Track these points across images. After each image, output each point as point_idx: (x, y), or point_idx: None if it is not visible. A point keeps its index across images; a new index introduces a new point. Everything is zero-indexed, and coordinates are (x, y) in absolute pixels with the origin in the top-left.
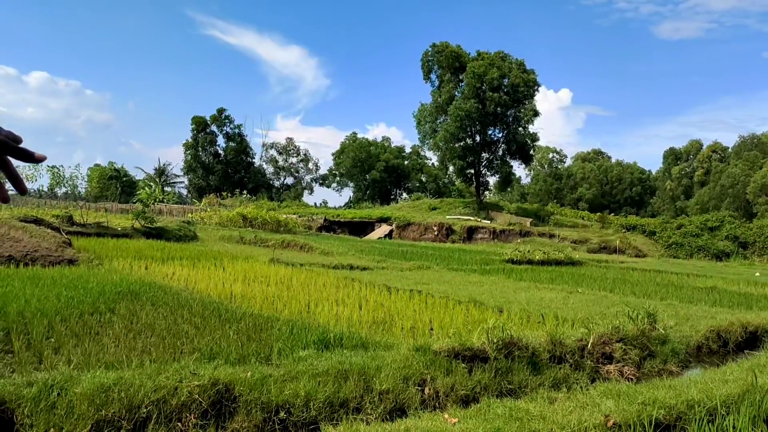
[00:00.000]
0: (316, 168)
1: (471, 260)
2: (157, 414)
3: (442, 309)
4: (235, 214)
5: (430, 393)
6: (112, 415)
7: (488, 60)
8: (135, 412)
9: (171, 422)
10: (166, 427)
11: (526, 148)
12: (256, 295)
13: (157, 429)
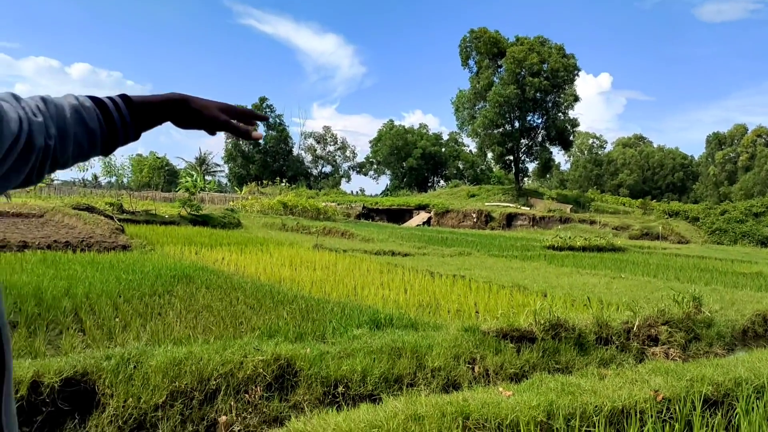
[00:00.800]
0: (353, 156)
1: (511, 246)
2: (226, 386)
3: (486, 293)
4: (276, 202)
5: (480, 371)
6: (184, 387)
7: (528, 45)
8: (205, 384)
9: (239, 394)
10: (234, 398)
11: (565, 133)
12: (304, 279)
13: (226, 399)
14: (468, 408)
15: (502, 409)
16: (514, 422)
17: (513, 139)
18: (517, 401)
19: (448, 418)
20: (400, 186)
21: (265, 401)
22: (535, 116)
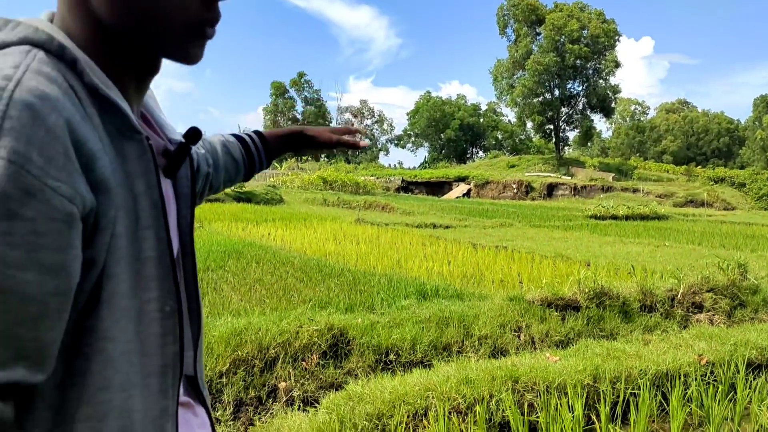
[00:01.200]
0: (390, 129)
1: (553, 217)
2: (284, 354)
3: (528, 263)
4: (315, 177)
5: (525, 338)
6: (245, 355)
7: (567, 11)
8: (265, 352)
9: (296, 361)
10: (292, 366)
11: (607, 100)
12: (349, 252)
13: (285, 367)
14: (517, 372)
15: (549, 373)
16: (562, 385)
17: (553, 107)
18: (564, 366)
19: (498, 381)
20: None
21: (321, 368)
22: (575, 84)
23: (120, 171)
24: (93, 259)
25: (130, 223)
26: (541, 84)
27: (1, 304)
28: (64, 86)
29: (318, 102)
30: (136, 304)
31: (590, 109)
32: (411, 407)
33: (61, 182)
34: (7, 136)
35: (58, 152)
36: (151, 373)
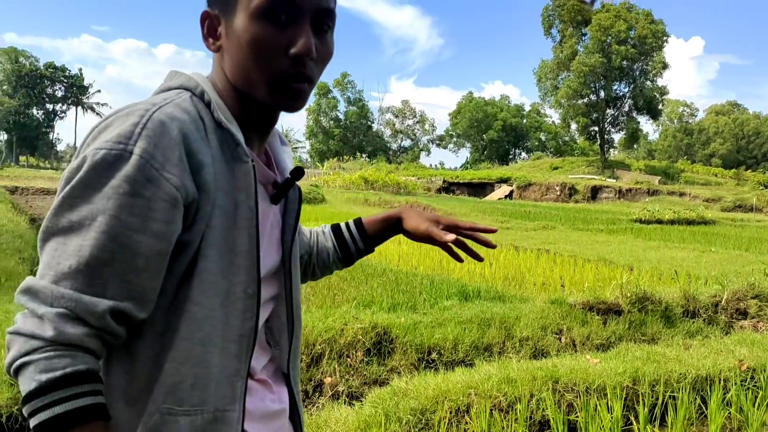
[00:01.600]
0: (432, 129)
1: (596, 220)
2: (329, 351)
3: (571, 267)
4: (357, 177)
5: (566, 341)
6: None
7: (614, 12)
8: (311, 348)
9: (341, 358)
10: (337, 362)
11: (654, 102)
12: (391, 252)
13: (330, 363)
14: (557, 373)
15: (589, 374)
16: (601, 387)
17: (598, 109)
18: (604, 368)
19: (539, 381)
20: (481, 159)
21: (365, 365)
22: (621, 85)
23: (226, 182)
24: (189, 241)
25: (226, 221)
26: (586, 85)
27: (121, 255)
28: (195, 116)
29: (360, 102)
30: (226, 285)
31: (636, 110)
32: (453, 404)
33: (173, 176)
34: (142, 140)
35: (174, 155)
36: (230, 340)
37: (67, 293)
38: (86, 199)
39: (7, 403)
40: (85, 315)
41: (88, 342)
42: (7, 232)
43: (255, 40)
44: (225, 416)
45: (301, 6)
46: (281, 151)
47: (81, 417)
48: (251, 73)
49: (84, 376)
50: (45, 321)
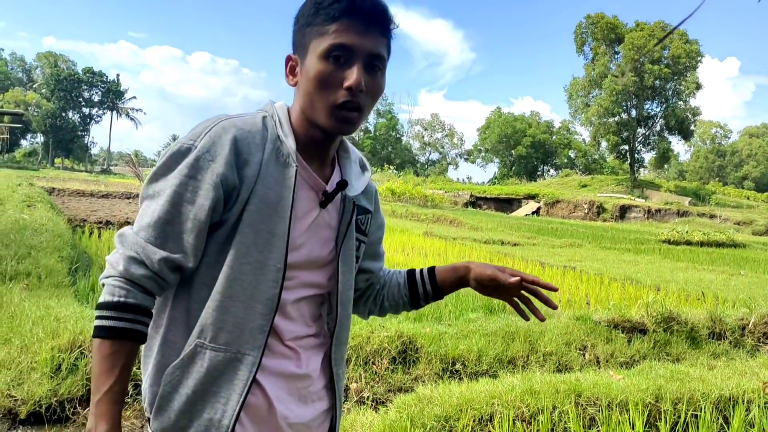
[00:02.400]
0: (460, 143)
1: (624, 239)
2: (355, 357)
3: (597, 285)
4: (384, 189)
5: (590, 357)
6: None
7: (647, 31)
8: None
9: (367, 365)
10: (363, 369)
11: (686, 123)
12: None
13: (356, 369)
14: (580, 387)
15: (612, 389)
16: (624, 402)
17: (629, 128)
18: (627, 384)
19: (561, 394)
20: (509, 174)
21: (390, 373)
22: (653, 105)
23: (273, 179)
24: (228, 218)
25: (267, 208)
26: (617, 104)
27: (177, 218)
28: (257, 129)
29: (389, 114)
30: (262, 257)
31: (668, 130)
32: (477, 412)
33: (219, 167)
34: (204, 139)
35: (224, 153)
36: (258, 300)
37: (140, 241)
38: (164, 176)
39: (46, 394)
40: (147, 260)
41: (145, 282)
42: (47, 231)
43: (320, 74)
44: (243, 358)
45: (355, 51)
46: (352, 172)
47: (116, 333)
48: (315, 102)
49: (131, 307)
50: (121, 258)
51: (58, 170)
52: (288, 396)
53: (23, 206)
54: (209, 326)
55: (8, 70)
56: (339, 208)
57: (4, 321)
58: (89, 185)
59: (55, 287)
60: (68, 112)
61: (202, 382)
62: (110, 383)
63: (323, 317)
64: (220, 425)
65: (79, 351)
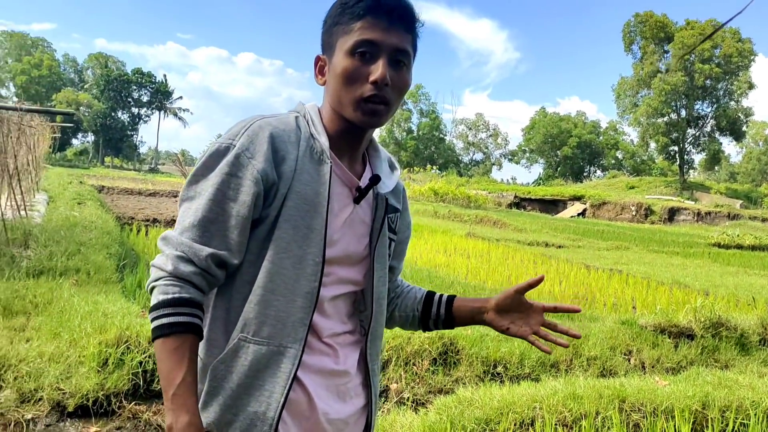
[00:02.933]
0: (505, 143)
1: (672, 242)
2: (396, 358)
3: (643, 289)
4: (427, 189)
5: (636, 362)
6: None
7: (698, 29)
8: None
9: (407, 365)
10: (403, 369)
11: (737, 123)
12: (459, 265)
13: (396, 370)
14: (624, 392)
15: (657, 396)
16: (669, 409)
17: (679, 129)
18: (673, 390)
19: (605, 399)
20: (554, 175)
21: (431, 374)
22: (704, 105)
23: (308, 176)
24: (268, 214)
25: (304, 204)
26: (667, 104)
27: (221, 216)
28: (291, 128)
29: (433, 114)
30: (300, 252)
31: (719, 131)
32: (518, 416)
33: (258, 163)
34: (242, 137)
35: (263, 150)
36: (298, 294)
37: (185, 241)
38: (204, 176)
39: (93, 388)
40: (194, 257)
41: (194, 279)
42: (97, 228)
43: (346, 70)
44: (286, 351)
45: (380, 46)
46: (382, 170)
47: (177, 329)
48: (343, 97)
49: (186, 302)
50: (168, 259)
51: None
52: (327, 393)
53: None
54: (252, 320)
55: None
56: (372, 205)
57: (55, 316)
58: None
59: (103, 283)
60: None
61: (246, 375)
62: (182, 376)
63: (358, 312)
64: (265, 418)
65: (126, 346)
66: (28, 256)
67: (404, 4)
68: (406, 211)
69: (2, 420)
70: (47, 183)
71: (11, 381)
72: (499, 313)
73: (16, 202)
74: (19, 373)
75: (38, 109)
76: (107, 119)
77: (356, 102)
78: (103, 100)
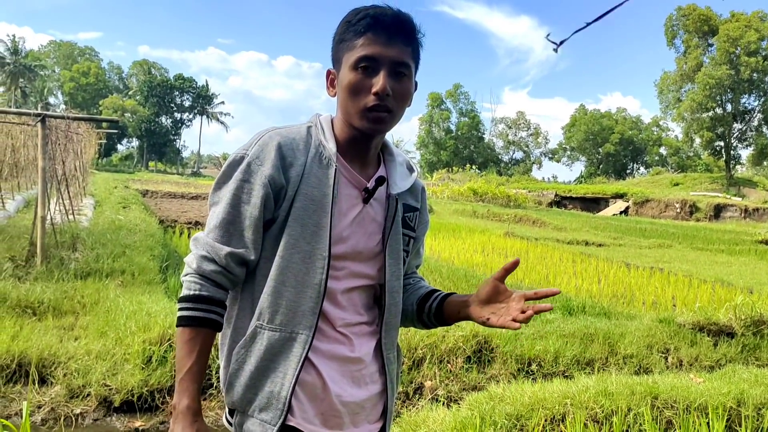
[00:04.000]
0: (545, 142)
1: (718, 240)
2: (430, 356)
3: (685, 287)
4: (465, 189)
5: (673, 361)
6: None
7: (744, 21)
8: (413, 352)
9: (441, 363)
10: (437, 367)
11: None
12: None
13: (431, 367)
14: (657, 389)
15: (691, 393)
16: (703, 406)
17: (724, 123)
18: (707, 387)
19: (637, 396)
20: (596, 173)
21: (465, 372)
22: (750, 98)
23: (317, 179)
24: (279, 215)
25: (312, 204)
26: (711, 98)
27: (237, 218)
28: (301, 137)
29: (472, 113)
30: (309, 247)
31: (767, 125)
32: (549, 412)
33: (267, 169)
34: (254, 147)
35: (271, 157)
36: (308, 285)
37: (209, 241)
38: (224, 183)
39: (138, 384)
40: (215, 256)
41: (215, 277)
42: (140, 231)
43: (351, 83)
44: (297, 337)
45: (380, 60)
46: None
47: (193, 322)
48: (350, 107)
49: (204, 299)
50: (194, 258)
51: (152, 173)
52: (341, 377)
53: (119, 207)
54: (266, 309)
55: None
56: (384, 205)
57: (101, 315)
58: (180, 187)
59: (147, 284)
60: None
61: (263, 359)
62: (190, 364)
63: (372, 305)
64: (279, 396)
65: (168, 344)
66: (76, 259)
67: (402, 20)
68: (425, 210)
69: (53, 414)
70: (94, 188)
71: (61, 377)
72: (481, 304)
73: (65, 207)
74: (68, 369)
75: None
76: (151, 124)
77: (361, 111)
78: (147, 105)
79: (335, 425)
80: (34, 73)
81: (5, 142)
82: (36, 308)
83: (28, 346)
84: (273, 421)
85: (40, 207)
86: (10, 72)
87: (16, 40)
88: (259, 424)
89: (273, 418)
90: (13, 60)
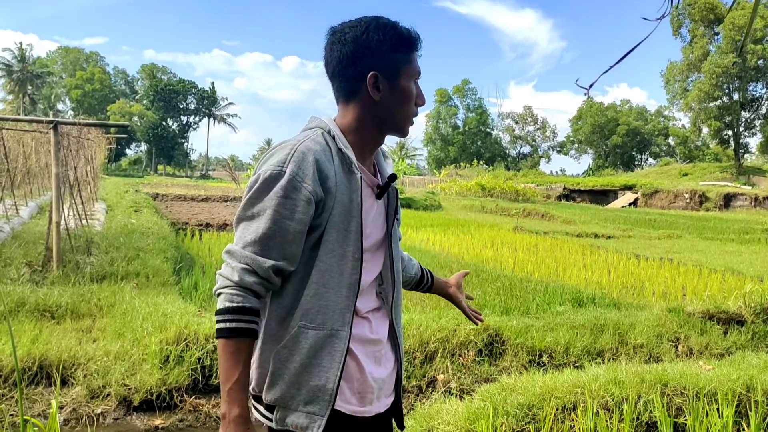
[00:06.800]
0: (552, 135)
1: (727, 229)
2: (442, 349)
3: (695, 277)
4: (473, 184)
5: (683, 350)
6: (408, 347)
7: (749, 9)
8: (425, 346)
9: (453, 356)
10: (449, 360)
11: None
12: (506, 259)
13: (443, 361)
14: (666, 377)
15: (700, 379)
16: (712, 392)
17: (732, 112)
18: (717, 374)
19: (647, 384)
20: (604, 165)
21: (477, 364)
22: (758, 86)
23: (345, 186)
24: (319, 224)
25: (344, 210)
26: (718, 87)
27: (279, 233)
28: (324, 146)
29: (479, 109)
30: (342, 251)
31: None
32: (560, 401)
33: (308, 185)
34: (291, 163)
35: (310, 172)
36: (343, 285)
37: (249, 254)
38: (260, 199)
39: (156, 383)
40: (258, 269)
41: (256, 287)
42: (153, 234)
43: (411, 94)
44: (338, 333)
45: (420, 73)
46: (384, 163)
47: (237, 333)
48: (401, 114)
49: (247, 311)
50: (234, 270)
51: (161, 176)
52: (367, 358)
53: (131, 211)
54: (309, 310)
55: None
56: (386, 197)
57: (118, 317)
58: (190, 190)
59: (162, 285)
60: (168, 121)
61: (307, 356)
62: (237, 374)
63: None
64: (325, 389)
65: (185, 344)
66: (91, 263)
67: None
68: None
69: (75, 414)
70: (105, 192)
71: (81, 378)
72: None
73: (78, 212)
74: (87, 371)
75: (96, 123)
76: (158, 128)
77: (409, 119)
78: (154, 109)
79: (368, 401)
80: (41, 80)
81: (17, 150)
82: (54, 312)
83: (48, 348)
84: (321, 412)
85: (54, 212)
86: (17, 79)
87: (23, 47)
88: (305, 417)
89: (321, 409)
90: (20, 67)
